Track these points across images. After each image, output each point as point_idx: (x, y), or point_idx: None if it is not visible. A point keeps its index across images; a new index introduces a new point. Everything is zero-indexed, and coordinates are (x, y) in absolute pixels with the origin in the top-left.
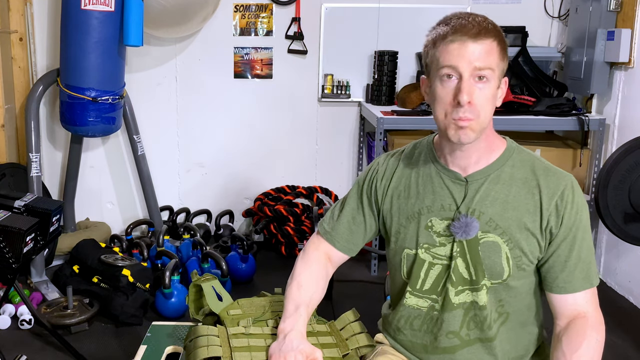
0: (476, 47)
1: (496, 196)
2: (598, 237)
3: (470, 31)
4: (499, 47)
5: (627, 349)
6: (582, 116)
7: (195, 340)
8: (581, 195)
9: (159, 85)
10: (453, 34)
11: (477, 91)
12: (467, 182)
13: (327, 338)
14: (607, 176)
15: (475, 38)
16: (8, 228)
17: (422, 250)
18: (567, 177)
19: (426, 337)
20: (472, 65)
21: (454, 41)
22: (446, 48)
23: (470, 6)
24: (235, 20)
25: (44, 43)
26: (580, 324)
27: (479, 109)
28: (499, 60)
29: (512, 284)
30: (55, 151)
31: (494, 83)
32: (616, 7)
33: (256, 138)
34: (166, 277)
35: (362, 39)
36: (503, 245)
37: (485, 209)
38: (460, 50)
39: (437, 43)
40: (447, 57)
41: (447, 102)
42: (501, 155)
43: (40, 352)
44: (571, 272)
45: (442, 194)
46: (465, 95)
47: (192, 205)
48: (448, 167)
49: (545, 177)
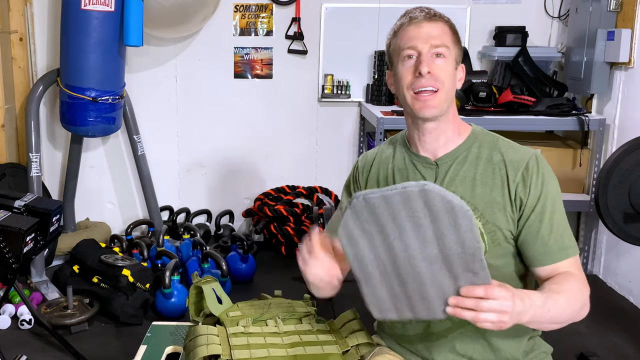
0: (430, 27)
1: (464, 175)
2: (598, 237)
3: (423, 14)
4: (451, 31)
5: (627, 349)
6: (582, 116)
7: (194, 340)
8: (547, 167)
9: (159, 85)
10: (409, 20)
11: (435, 65)
12: (437, 166)
13: (327, 336)
14: (607, 176)
15: (429, 19)
16: (8, 228)
17: None
18: (531, 151)
19: (418, 326)
20: (429, 42)
21: (410, 24)
22: (405, 32)
23: (470, 6)
24: (235, 20)
25: (44, 43)
26: (564, 275)
27: (441, 79)
28: (452, 41)
29: (492, 262)
30: (55, 151)
31: (451, 60)
32: (616, 7)
33: (256, 138)
34: (166, 277)
35: (362, 39)
36: (476, 222)
37: (455, 188)
38: (417, 31)
39: (397, 32)
40: (406, 39)
41: (408, 77)
42: (467, 137)
43: (40, 352)
44: (545, 243)
45: (415, 180)
46: (425, 67)
47: (192, 205)
48: (419, 154)
49: (509, 153)
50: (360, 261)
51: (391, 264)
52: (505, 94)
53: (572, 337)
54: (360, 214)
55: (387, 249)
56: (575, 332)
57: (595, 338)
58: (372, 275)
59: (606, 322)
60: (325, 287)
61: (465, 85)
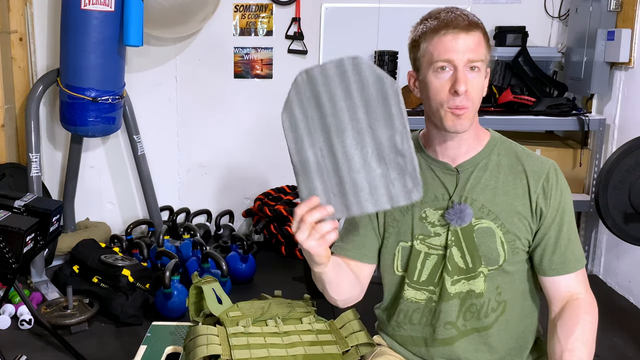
0: (468, 39)
1: (486, 183)
2: (598, 237)
3: (461, 24)
4: (485, 39)
5: (627, 349)
6: (582, 116)
7: (194, 340)
8: (563, 179)
9: (159, 85)
10: (446, 27)
11: (470, 81)
12: (458, 172)
13: (327, 336)
14: (607, 176)
15: (467, 30)
16: (8, 228)
17: (417, 241)
18: (549, 161)
19: (425, 329)
20: (466, 57)
21: (447, 34)
22: (440, 41)
23: (470, 6)
24: (235, 20)
25: (44, 43)
26: (574, 307)
27: (473, 97)
28: (486, 51)
29: (508, 269)
30: (55, 151)
31: (483, 72)
32: (616, 7)
33: (256, 138)
34: (166, 277)
35: (362, 39)
36: (497, 230)
37: (477, 195)
38: (454, 43)
39: (428, 36)
40: (442, 49)
41: (443, 92)
42: (487, 144)
43: (40, 352)
44: (562, 253)
45: (434, 185)
46: (463, 85)
47: (192, 205)
48: (438, 159)
49: (529, 162)
50: (299, 147)
51: (327, 149)
52: (505, 94)
53: None
54: (301, 89)
55: (324, 132)
56: None
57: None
58: (309, 163)
59: (606, 322)
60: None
61: None
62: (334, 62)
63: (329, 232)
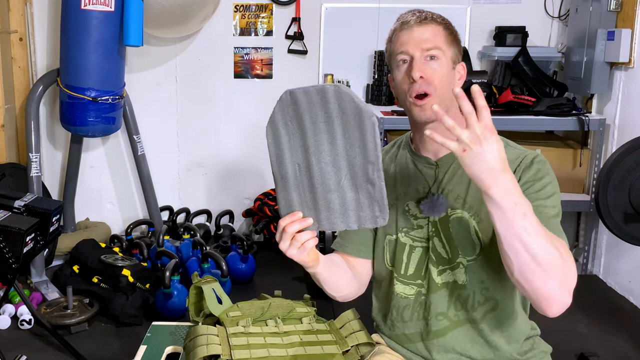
0: (422, 30)
1: (462, 174)
2: (598, 237)
3: (414, 19)
4: (445, 32)
5: (627, 349)
6: (582, 116)
7: (194, 340)
8: (545, 166)
9: (159, 85)
10: (402, 25)
11: (428, 69)
12: (437, 166)
13: (327, 336)
14: (607, 176)
15: (420, 23)
16: (8, 228)
17: (402, 234)
18: (528, 151)
19: (419, 324)
20: (420, 46)
21: (402, 29)
22: (398, 38)
23: (470, 6)
24: (235, 20)
25: (44, 43)
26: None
27: (435, 84)
28: (446, 42)
29: (488, 261)
30: (55, 151)
31: (446, 61)
32: (616, 7)
33: (256, 138)
34: (166, 277)
35: (362, 39)
36: (470, 220)
37: (453, 187)
38: (409, 35)
39: (391, 38)
40: (399, 44)
41: (405, 83)
42: None
43: (40, 352)
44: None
45: (416, 179)
46: (417, 72)
47: (192, 205)
48: (420, 154)
49: (508, 152)
50: (280, 161)
51: (305, 166)
52: (505, 94)
53: (572, 337)
54: (285, 108)
55: (304, 150)
56: (575, 332)
57: (595, 338)
58: (288, 177)
59: (606, 322)
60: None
61: (465, 85)
62: (317, 88)
63: (308, 240)
